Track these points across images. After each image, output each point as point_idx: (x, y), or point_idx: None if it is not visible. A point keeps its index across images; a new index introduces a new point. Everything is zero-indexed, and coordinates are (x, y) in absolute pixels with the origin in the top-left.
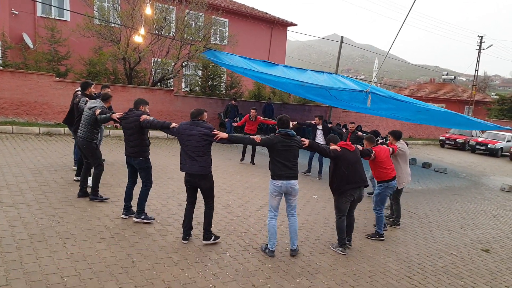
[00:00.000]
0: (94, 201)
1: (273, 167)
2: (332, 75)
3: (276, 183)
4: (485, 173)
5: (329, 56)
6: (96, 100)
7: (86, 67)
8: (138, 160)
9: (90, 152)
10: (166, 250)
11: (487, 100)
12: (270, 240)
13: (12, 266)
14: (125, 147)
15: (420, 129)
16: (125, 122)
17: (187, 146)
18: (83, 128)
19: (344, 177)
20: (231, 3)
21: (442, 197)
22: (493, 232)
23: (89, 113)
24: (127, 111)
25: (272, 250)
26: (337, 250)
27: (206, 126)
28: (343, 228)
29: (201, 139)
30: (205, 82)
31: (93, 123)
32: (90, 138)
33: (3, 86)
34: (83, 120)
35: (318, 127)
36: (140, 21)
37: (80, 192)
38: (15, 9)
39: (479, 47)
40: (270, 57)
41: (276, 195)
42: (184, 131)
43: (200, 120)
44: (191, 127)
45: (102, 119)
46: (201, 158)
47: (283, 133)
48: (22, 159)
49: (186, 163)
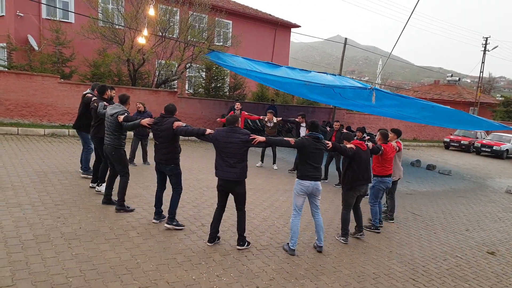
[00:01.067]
0: (120, 211)
1: (302, 168)
2: (335, 76)
3: (304, 183)
4: (490, 175)
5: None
6: (116, 104)
7: (91, 68)
8: (169, 167)
9: (119, 159)
10: (170, 251)
11: (492, 102)
12: (292, 239)
13: (17, 267)
14: (156, 154)
15: (425, 131)
16: (156, 129)
17: (225, 152)
18: (110, 135)
19: (355, 174)
20: (234, 5)
21: (446, 199)
22: (499, 234)
23: (112, 120)
24: (159, 117)
25: (293, 249)
26: (340, 239)
27: (244, 132)
28: (348, 220)
29: (240, 146)
30: (209, 83)
31: (118, 129)
32: (119, 145)
33: (8, 88)
34: (108, 128)
35: (302, 125)
36: (144, 22)
37: (105, 199)
38: (20, 11)
39: (484, 48)
40: (274, 58)
41: (302, 195)
42: (222, 138)
43: (236, 126)
44: (229, 134)
45: (129, 126)
46: (239, 164)
47: (313, 136)
48: (27, 160)
49: (223, 169)
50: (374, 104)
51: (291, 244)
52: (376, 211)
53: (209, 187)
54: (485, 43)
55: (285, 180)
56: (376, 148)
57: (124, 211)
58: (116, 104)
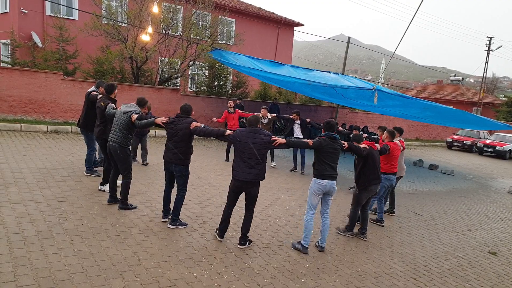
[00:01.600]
0: (123, 209)
1: (320, 167)
2: (338, 75)
3: (321, 182)
4: (492, 175)
5: (336, 56)
6: (132, 104)
7: (94, 66)
8: (179, 167)
9: (123, 158)
10: (172, 249)
11: (495, 102)
12: (306, 237)
13: (20, 262)
14: (166, 153)
15: (427, 131)
16: (172, 128)
17: (246, 153)
18: (117, 133)
19: (369, 174)
20: (238, 3)
21: (448, 199)
22: (501, 235)
23: (124, 118)
24: (175, 117)
25: (306, 247)
26: (346, 234)
27: (265, 133)
28: (356, 217)
29: (261, 147)
30: (212, 81)
31: (129, 128)
32: (125, 144)
33: (12, 84)
34: (117, 125)
35: (296, 122)
36: (147, 20)
37: (110, 198)
38: (24, 8)
39: (488, 48)
40: (277, 57)
41: (319, 194)
42: (243, 138)
43: (258, 127)
44: (251, 135)
45: (142, 124)
46: (259, 166)
47: (330, 136)
48: (30, 156)
49: (242, 170)
50: (377, 104)
51: (304, 242)
52: (382, 206)
53: (211, 184)
54: (489, 43)
55: (287, 178)
56: (383, 148)
57: (127, 209)
58: (132, 104)
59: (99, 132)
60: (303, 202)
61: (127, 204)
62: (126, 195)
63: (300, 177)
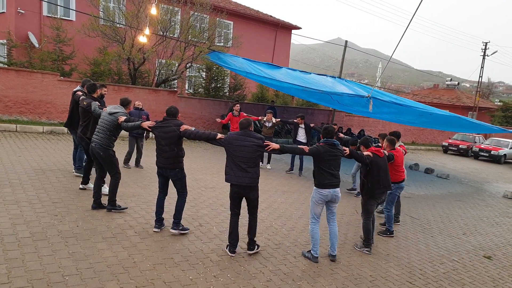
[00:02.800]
0: (111, 211)
1: (319, 176)
2: (335, 79)
3: (322, 191)
4: (487, 179)
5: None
6: (117, 105)
7: (91, 67)
8: (174, 171)
9: (107, 160)
10: (167, 251)
11: (490, 107)
12: (315, 246)
13: (13, 264)
14: (158, 158)
15: (423, 135)
16: (160, 132)
17: (238, 157)
18: (100, 134)
19: (375, 182)
20: (236, 6)
21: (444, 203)
22: (496, 239)
23: (110, 119)
24: (161, 120)
25: (316, 256)
26: (363, 250)
27: (258, 136)
28: (370, 229)
29: (254, 150)
30: (209, 83)
31: (113, 129)
32: (107, 145)
33: (8, 85)
34: (101, 126)
35: (300, 126)
36: (145, 22)
37: (94, 204)
38: (21, 8)
39: (483, 53)
40: (274, 59)
41: (320, 203)
42: (235, 142)
43: (250, 130)
44: (242, 138)
45: (129, 127)
46: (252, 169)
47: (329, 142)
48: (25, 157)
49: (235, 174)
50: (372, 111)
51: (314, 252)
52: (391, 217)
53: (207, 187)
54: (485, 48)
55: (284, 181)
56: (391, 156)
57: (115, 210)
58: (118, 105)
59: (82, 132)
60: (299, 205)
61: (115, 205)
62: (114, 195)
63: (297, 179)
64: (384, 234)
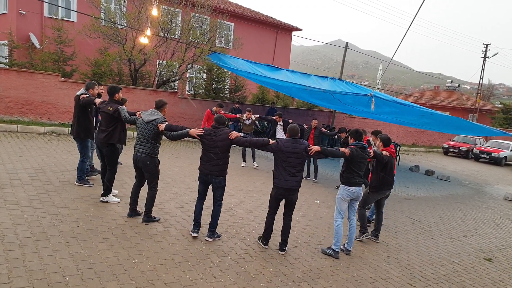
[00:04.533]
0: (147, 223)
1: (348, 175)
2: (335, 81)
3: (350, 189)
4: (488, 181)
5: (334, 61)
6: (152, 110)
7: (92, 67)
8: (219, 178)
9: (153, 169)
10: (168, 252)
11: (491, 109)
12: (338, 242)
13: (14, 264)
14: (204, 165)
15: (424, 136)
16: (210, 140)
17: (288, 162)
18: (146, 143)
19: (385, 179)
20: (236, 7)
21: (445, 205)
22: (496, 241)
23: (149, 128)
24: (212, 128)
25: (338, 251)
26: (363, 238)
27: (305, 143)
28: (365, 216)
29: (303, 156)
30: (209, 85)
31: (156, 137)
32: (154, 154)
33: (9, 85)
34: (142, 136)
35: (279, 123)
36: (146, 23)
37: (130, 212)
38: (23, 9)
39: (484, 55)
40: (275, 61)
41: (347, 199)
42: (286, 148)
43: (299, 137)
44: (293, 145)
45: (174, 136)
46: (300, 173)
47: (360, 146)
48: (26, 158)
49: (286, 178)
50: (374, 111)
51: (335, 247)
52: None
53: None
54: (485, 50)
55: None
56: None
57: (151, 222)
58: (152, 110)
59: (106, 138)
60: (299, 206)
61: (151, 217)
62: (152, 206)
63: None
64: None
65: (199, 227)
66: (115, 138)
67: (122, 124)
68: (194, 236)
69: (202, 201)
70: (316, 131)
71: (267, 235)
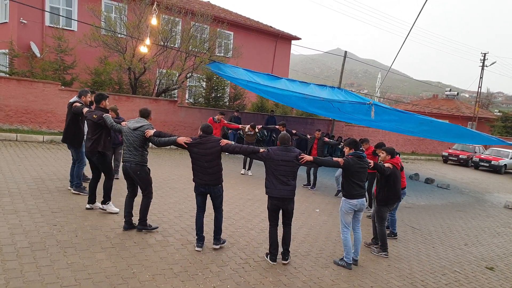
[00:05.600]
0: (142, 231)
1: (348, 187)
2: (334, 90)
3: (351, 202)
4: (488, 190)
5: (332, 70)
6: (139, 118)
7: (92, 76)
8: (217, 187)
9: (144, 177)
10: (166, 261)
11: (490, 117)
12: (348, 254)
13: (12, 275)
14: (199, 176)
15: (423, 145)
16: (200, 148)
17: (279, 171)
18: (133, 151)
19: (392, 191)
20: (236, 16)
21: (445, 213)
22: (498, 249)
23: (136, 135)
24: (199, 137)
25: (350, 263)
26: (381, 254)
27: (296, 151)
28: (385, 234)
29: (294, 164)
30: (209, 93)
31: (143, 144)
32: (143, 162)
33: (9, 94)
34: (129, 144)
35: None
36: (146, 32)
37: (126, 225)
38: (24, 18)
39: (482, 64)
40: (274, 70)
41: (350, 212)
42: (277, 157)
43: (290, 145)
44: (284, 153)
45: (162, 142)
46: (292, 182)
47: (357, 155)
48: (25, 166)
49: (277, 187)
50: (373, 119)
51: (347, 259)
52: (394, 220)
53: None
54: (484, 58)
55: None
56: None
57: (146, 230)
58: (138, 118)
59: (92, 146)
60: (299, 215)
61: (146, 225)
62: (146, 214)
63: (302, 191)
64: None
65: (203, 240)
66: (101, 146)
67: (107, 132)
68: (198, 250)
69: (202, 213)
70: (320, 141)
71: (274, 250)
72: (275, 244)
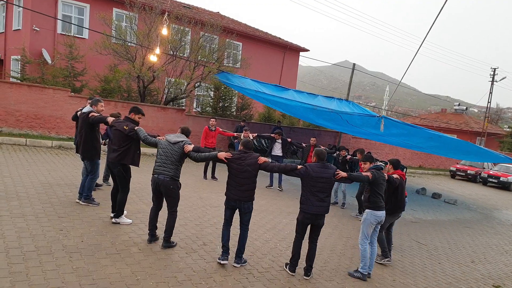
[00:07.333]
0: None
1: (375, 199)
2: (342, 102)
3: (377, 213)
4: (497, 206)
5: (340, 82)
6: (179, 134)
7: (101, 83)
8: (248, 203)
9: (175, 193)
10: (170, 269)
11: (499, 133)
12: (365, 265)
13: (17, 278)
14: (233, 191)
15: (431, 159)
16: (240, 164)
17: (316, 187)
18: (169, 165)
19: (398, 202)
20: (245, 27)
21: (452, 229)
22: (505, 268)
23: (176, 149)
24: (240, 152)
25: (366, 274)
26: (384, 261)
27: (332, 167)
28: (384, 241)
29: (331, 181)
30: (217, 103)
31: (181, 160)
32: (177, 176)
33: (20, 99)
34: (166, 157)
35: (278, 141)
36: (156, 41)
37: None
38: (37, 25)
39: (492, 79)
40: (282, 81)
41: (374, 223)
42: (315, 174)
43: (327, 162)
44: (322, 170)
45: (202, 158)
46: (328, 198)
47: (378, 168)
48: (33, 171)
49: (314, 204)
50: (382, 132)
51: (363, 270)
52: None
53: (212, 205)
54: (493, 73)
55: (289, 202)
56: None
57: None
58: (178, 133)
59: (118, 158)
60: None
61: (170, 242)
62: (172, 232)
63: None
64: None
65: (228, 254)
66: (129, 159)
67: (137, 144)
68: (223, 263)
69: (229, 227)
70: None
71: (295, 261)
72: (297, 255)
